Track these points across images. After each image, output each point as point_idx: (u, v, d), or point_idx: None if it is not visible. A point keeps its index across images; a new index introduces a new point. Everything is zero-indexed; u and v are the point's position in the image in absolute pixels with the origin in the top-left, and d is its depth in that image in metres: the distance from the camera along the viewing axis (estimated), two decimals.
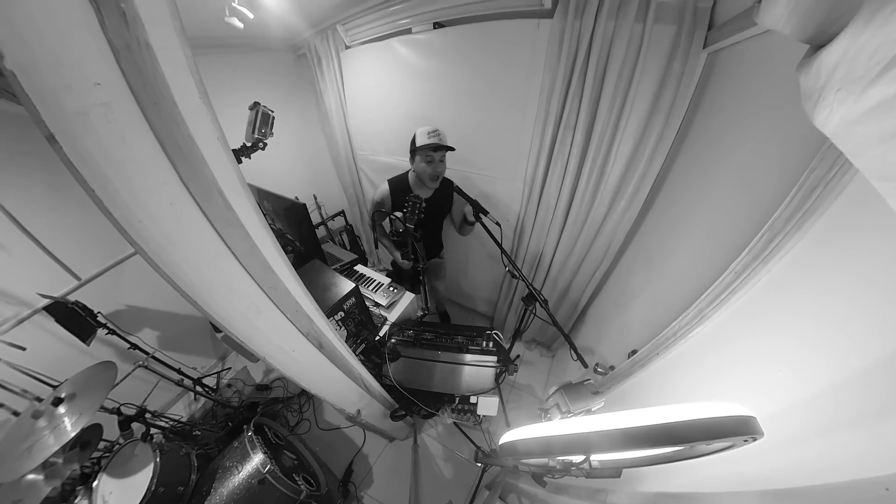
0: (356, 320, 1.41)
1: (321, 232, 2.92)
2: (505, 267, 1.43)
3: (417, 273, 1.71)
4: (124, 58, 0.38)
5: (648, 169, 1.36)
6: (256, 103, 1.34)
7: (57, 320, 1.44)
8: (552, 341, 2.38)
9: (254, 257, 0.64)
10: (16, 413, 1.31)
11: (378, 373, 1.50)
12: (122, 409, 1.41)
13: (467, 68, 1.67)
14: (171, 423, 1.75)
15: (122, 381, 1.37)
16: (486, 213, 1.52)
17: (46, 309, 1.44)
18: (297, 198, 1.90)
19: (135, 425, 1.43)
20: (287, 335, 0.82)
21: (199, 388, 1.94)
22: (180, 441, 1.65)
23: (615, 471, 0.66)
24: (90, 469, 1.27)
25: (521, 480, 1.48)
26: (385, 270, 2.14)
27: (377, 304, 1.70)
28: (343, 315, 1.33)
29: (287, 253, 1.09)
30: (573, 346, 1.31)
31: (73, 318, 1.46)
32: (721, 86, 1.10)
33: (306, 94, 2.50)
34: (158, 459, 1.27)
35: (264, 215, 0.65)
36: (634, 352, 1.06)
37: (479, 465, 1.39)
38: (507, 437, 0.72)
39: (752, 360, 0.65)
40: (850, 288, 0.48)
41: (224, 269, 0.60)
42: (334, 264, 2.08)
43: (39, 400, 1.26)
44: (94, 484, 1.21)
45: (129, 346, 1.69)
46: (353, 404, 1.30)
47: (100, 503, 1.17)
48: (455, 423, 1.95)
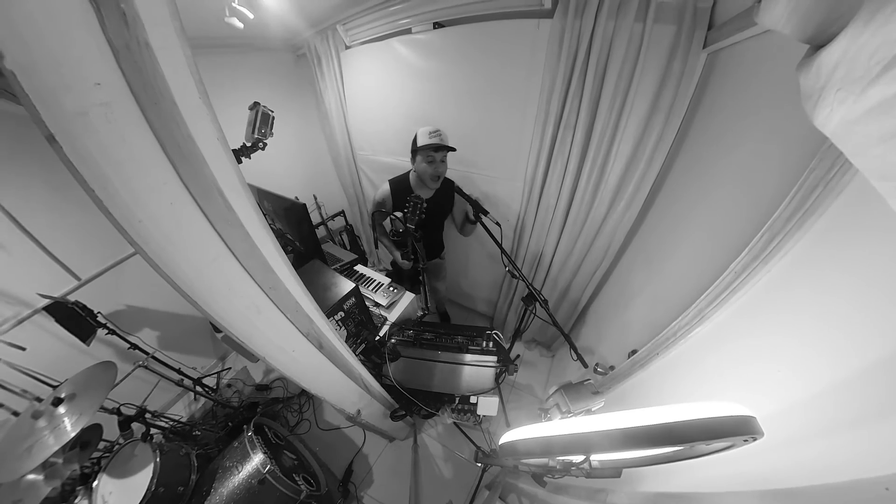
0: (356, 320, 1.41)
1: (321, 232, 2.92)
2: (505, 267, 1.43)
3: (417, 273, 1.71)
4: (124, 58, 0.38)
5: (648, 169, 1.36)
6: (256, 103, 1.34)
7: (57, 320, 1.44)
8: (552, 341, 2.38)
9: (254, 257, 0.64)
10: (16, 413, 1.31)
11: (378, 373, 1.50)
12: (122, 410, 1.41)
13: (467, 68, 1.67)
14: (171, 423, 1.75)
15: (121, 381, 1.37)
16: (485, 212, 1.52)
17: (46, 309, 1.44)
18: (297, 198, 1.90)
19: (135, 425, 1.43)
20: (287, 335, 0.82)
21: (199, 388, 1.94)
22: (180, 441, 1.65)
23: (615, 471, 0.66)
24: (90, 469, 1.27)
25: (522, 480, 1.48)
26: (385, 270, 2.14)
27: (377, 304, 1.70)
28: (343, 315, 1.33)
29: (287, 253, 1.09)
30: (573, 346, 1.31)
31: (73, 318, 1.46)
32: (721, 86, 1.10)
33: (306, 95, 2.50)
34: (158, 459, 1.27)
35: (264, 215, 0.65)
36: (634, 352, 1.06)
37: (479, 465, 1.39)
38: (507, 437, 0.72)
39: (752, 360, 0.65)
40: (850, 288, 0.48)
41: (224, 269, 0.60)
42: (334, 264, 2.08)
43: (39, 400, 1.26)
44: (94, 484, 1.21)
45: (128, 346, 1.69)
46: (353, 404, 1.30)
47: (100, 503, 1.17)
48: (455, 423, 1.95)
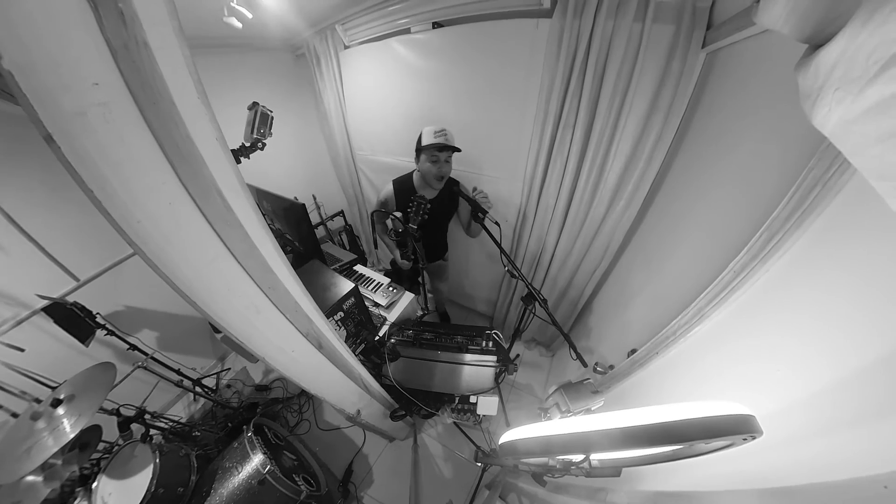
0: (356, 320, 1.41)
1: (320, 232, 2.92)
2: (504, 266, 1.43)
3: (417, 273, 1.71)
4: (122, 58, 0.38)
5: (647, 168, 1.36)
6: (255, 103, 1.34)
7: (56, 321, 1.43)
8: (552, 341, 2.38)
9: (253, 257, 0.64)
10: (14, 415, 1.31)
11: (378, 373, 1.50)
12: (122, 411, 1.41)
13: (466, 68, 1.67)
14: (170, 423, 1.75)
15: (121, 382, 1.36)
16: (485, 212, 1.52)
17: (45, 310, 1.43)
18: (296, 198, 1.89)
19: (134, 426, 1.43)
20: (286, 335, 0.82)
21: (198, 388, 1.94)
22: (180, 442, 1.64)
23: (615, 470, 0.66)
24: (89, 470, 1.27)
25: (522, 480, 1.48)
26: (384, 270, 2.13)
27: (377, 304, 1.69)
28: (342, 315, 1.33)
29: (286, 253, 1.09)
30: (572, 346, 1.31)
31: (72, 319, 1.46)
32: (720, 85, 1.10)
33: (305, 94, 2.50)
34: (158, 460, 1.27)
35: (263, 215, 0.65)
36: (634, 351, 1.06)
37: (479, 464, 1.39)
38: (506, 437, 0.72)
39: (751, 359, 0.65)
40: (848, 287, 0.48)
41: (223, 270, 0.60)
42: (333, 264, 2.08)
43: (38, 401, 1.25)
44: (94, 485, 1.21)
45: (128, 346, 1.69)
46: (353, 404, 1.29)
47: None
48: (455, 422, 1.95)
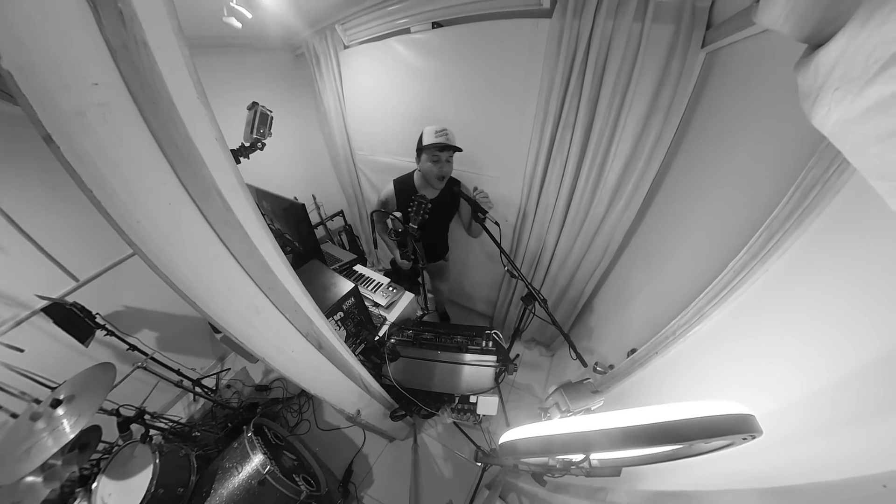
0: (355, 320, 1.41)
1: (320, 232, 2.92)
2: (504, 266, 1.43)
3: (416, 273, 1.71)
4: (122, 57, 0.37)
5: (647, 168, 1.36)
6: (255, 103, 1.34)
7: (55, 322, 1.43)
8: (552, 340, 2.38)
9: (252, 258, 0.64)
10: (14, 415, 1.31)
11: (378, 373, 1.50)
12: (121, 411, 1.41)
13: (466, 68, 1.67)
14: (170, 424, 1.75)
15: (120, 382, 1.36)
16: (485, 212, 1.52)
17: (44, 310, 1.43)
18: (295, 198, 1.89)
19: (134, 427, 1.43)
20: (286, 335, 0.82)
21: (198, 389, 1.94)
22: (180, 442, 1.64)
23: (615, 469, 0.66)
24: (89, 471, 1.27)
25: (522, 479, 1.48)
26: (384, 270, 2.13)
27: (376, 304, 1.69)
28: (342, 315, 1.33)
29: (286, 253, 1.09)
30: (572, 346, 1.31)
31: (72, 319, 1.45)
32: (719, 85, 1.10)
33: (305, 94, 2.50)
34: (158, 461, 1.27)
35: (263, 215, 0.65)
36: (634, 350, 1.06)
37: (479, 464, 1.39)
38: (506, 437, 0.72)
39: (751, 359, 0.65)
40: (848, 286, 0.48)
41: (223, 270, 0.60)
42: (333, 264, 2.07)
43: (38, 402, 1.25)
44: (94, 486, 1.21)
45: (127, 347, 1.69)
46: (353, 404, 1.29)
47: None
48: (455, 422, 1.95)
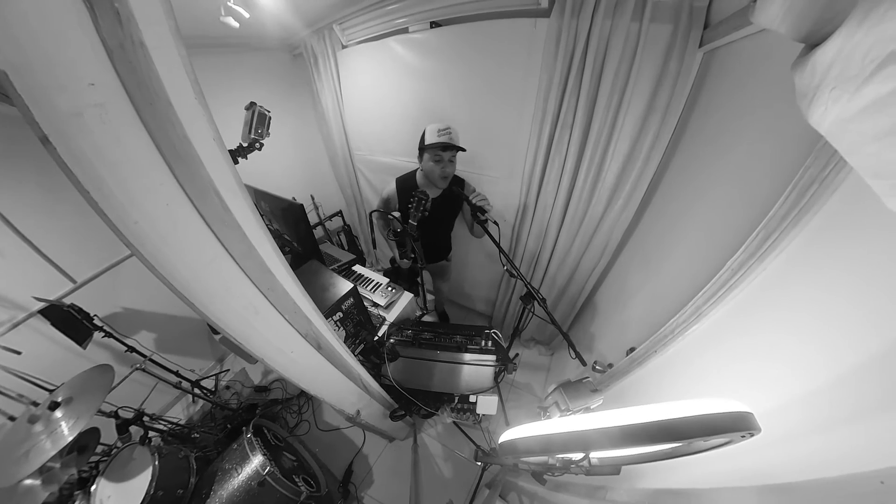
0: (355, 321, 1.41)
1: (319, 232, 2.91)
2: (503, 266, 1.43)
3: (416, 273, 1.71)
4: (118, 58, 0.37)
5: (645, 167, 1.36)
6: (253, 103, 1.33)
7: (52, 324, 1.42)
8: (551, 340, 2.39)
9: (251, 258, 0.63)
10: (12, 418, 1.30)
11: (377, 373, 1.50)
12: (120, 413, 1.40)
13: (464, 67, 1.67)
14: (169, 425, 1.74)
15: (119, 384, 1.35)
16: (485, 212, 1.52)
17: (42, 312, 1.42)
18: (294, 198, 1.89)
19: (133, 429, 1.43)
20: (285, 336, 0.81)
21: (197, 390, 1.93)
22: (179, 444, 1.64)
23: (614, 468, 0.66)
24: (88, 473, 1.27)
25: (522, 479, 1.48)
26: (383, 270, 2.13)
27: (375, 305, 1.69)
28: (341, 315, 1.33)
29: (285, 254, 1.08)
30: (571, 345, 1.31)
31: (69, 321, 1.45)
32: (717, 85, 1.10)
33: (303, 94, 2.49)
34: (157, 462, 1.26)
35: (261, 216, 0.65)
36: (633, 349, 1.06)
37: (479, 463, 1.39)
38: (506, 436, 0.72)
39: (749, 357, 0.66)
40: (845, 284, 0.48)
41: (221, 271, 0.60)
42: (332, 265, 2.07)
43: (36, 404, 1.25)
44: (93, 488, 1.20)
45: (126, 348, 1.68)
46: (353, 405, 1.29)
47: None
48: (454, 422, 1.95)
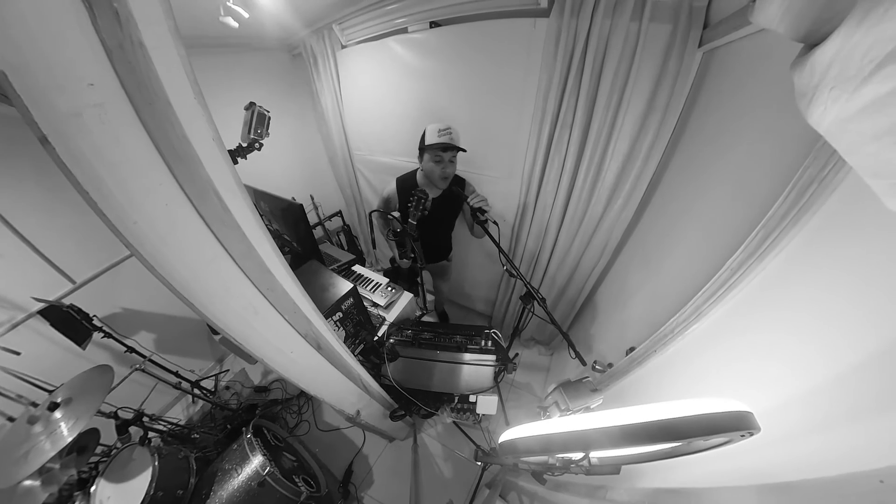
0: (354, 321, 1.41)
1: (318, 232, 2.91)
2: (503, 266, 1.43)
3: (415, 273, 1.70)
4: (118, 58, 0.37)
5: (645, 167, 1.36)
6: (252, 103, 1.33)
7: (52, 324, 1.42)
8: (551, 339, 2.39)
9: (250, 258, 0.63)
10: (11, 419, 1.30)
11: (377, 373, 1.50)
12: (120, 413, 1.40)
13: (464, 67, 1.67)
14: (169, 426, 1.74)
15: (118, 384, 1.35)
16: (484, 212, 1.52)
17: (41, 313, 1.42)
18: (293, 198, 1.89)
19: (132, 429, 1.42)
20: (285, 336, 0.81)
21: (196, 390, 1.93)
22: (179, 444, 1.64)
23: (614, 467, 0.66)
24: (88, 474, 1.26)
25: (522, 478, 1.48)
26: (382, 270, 2.13)
27: (375, 305, 1.69)
28: (341, 316, 1.33)
29: (284, 254, 1.09)
30: (571, 344, 1.31)
31: (69, 321, 1.45)
32: (716, 84, 1.10)
33: (302, 94, 2.49)
34: (157, 463, 1.26)
35: (261, 216, 0.65)
36: (632, 349, 1.06)
37: (479, 463, 1.39)
38: (506, 436, 0.72)
39: (748, 357, 0.66)
40: (844, 284, 0.48)
41: (221, 271, 0.60)
42: (332, 265, 2.07)
43: (35, 405, 1.24)
44: (92, 489, 1.20)
45: (125, 349, 1.68)
46: (353, 405, 1.29)
47: None
48: (454, 422, 1.95)
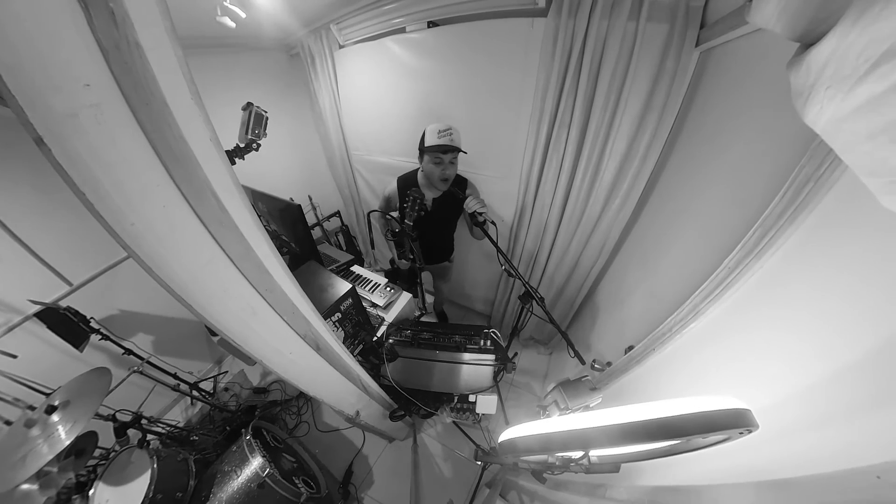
0: (353, 321, 1.41)
1: (317, 233, 2.91)
2: (501, 265, 1.43)
3: (415, 274, 1.70)
4: (114, 58, 0.37)
5: (643, 166, 1.37)
6: (249, 104, 1.33)
7: (49, 327, 1.41)
8: (549, 339, 2.39)
9: (249, 259, 0.63)
10: (8, 422, 1.28)
11: (376, 373, 1.49)
12: (118, 416, 1.39)
13: (462, 67, 1.67)
14: (167, 428, 1.73)
15: (116, 387, 1.35)
16: (482, 213, 1.51)
17: (38, 315, 1.41)
18: (291, 199, 1.89)
19: (131, 432, 1.42)
20: (284, 337, 0.81)
21: (195, 392, 1.92)
22: (177, 447, 1.63)
23: (614, 466, 0.67)
24: (86, 477, 1.25)
25: (521, 477, 1.48)
26: (381, 270, 2.13)
27: (374, 305, 1.69)
28: (340, 316, 1.33)
29: (282, 254, 1.08)
30: (570, 343, 1.31)
31: (66, 324, 1.44)
32: (713, 84, 1.11)
33: (300, 95, 2.48)
34: (156, 466, 1.26)
35: (259, 217, 0.65)
36: (631, 348, 1.07)
37: (479, 463, 1.39)
38: (506, 435, 0.72)
39: (746, 355, 0.66)
40: (841, 282, 0.49)
41: (219, 272, 0.60)
42: (330, 265, 2.07)
43: (32, 408, 1.24)
44: (91, 492, 1.19)
45: (123, 351, 1.67)
46: (352, 405, 1.29)
47: None
48: (454, 422, 1.95)
